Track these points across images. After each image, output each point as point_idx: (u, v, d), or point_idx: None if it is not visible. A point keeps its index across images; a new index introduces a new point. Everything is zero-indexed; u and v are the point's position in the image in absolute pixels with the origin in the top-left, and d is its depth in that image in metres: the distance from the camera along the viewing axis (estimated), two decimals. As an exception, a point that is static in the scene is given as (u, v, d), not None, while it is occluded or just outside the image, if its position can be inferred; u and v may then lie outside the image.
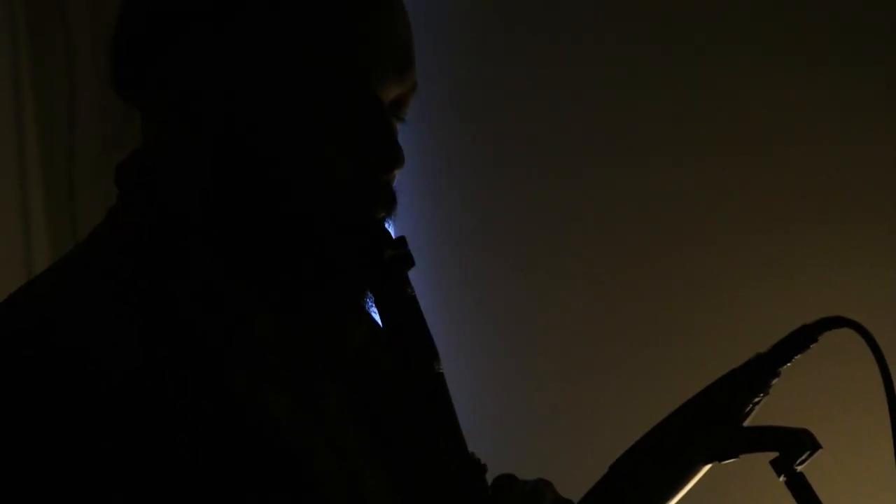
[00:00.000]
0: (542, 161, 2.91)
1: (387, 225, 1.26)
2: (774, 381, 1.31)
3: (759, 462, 1.30)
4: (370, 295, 1.26)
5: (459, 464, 1.23)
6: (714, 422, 1.29)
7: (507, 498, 1.37)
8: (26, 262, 2.71)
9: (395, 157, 1.24)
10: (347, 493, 1.23)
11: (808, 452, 1.27)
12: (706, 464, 1.30)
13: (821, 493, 1.27)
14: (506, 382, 2.89)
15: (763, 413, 1.32)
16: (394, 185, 1.26)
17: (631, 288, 2.88)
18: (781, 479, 1.27)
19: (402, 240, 1.26)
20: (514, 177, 2.92)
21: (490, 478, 1.38)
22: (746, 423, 1.31)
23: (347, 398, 1.30)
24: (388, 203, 1.26)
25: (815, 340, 1.30)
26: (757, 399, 1.30)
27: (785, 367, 1.30)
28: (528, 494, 1.38)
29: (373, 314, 1.29)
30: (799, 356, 1.30)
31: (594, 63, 2.89)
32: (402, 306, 1.26)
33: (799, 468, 1.27)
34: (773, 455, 1.28)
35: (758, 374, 1.30)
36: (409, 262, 1.26)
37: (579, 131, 2.90)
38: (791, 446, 1.27)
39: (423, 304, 1.28)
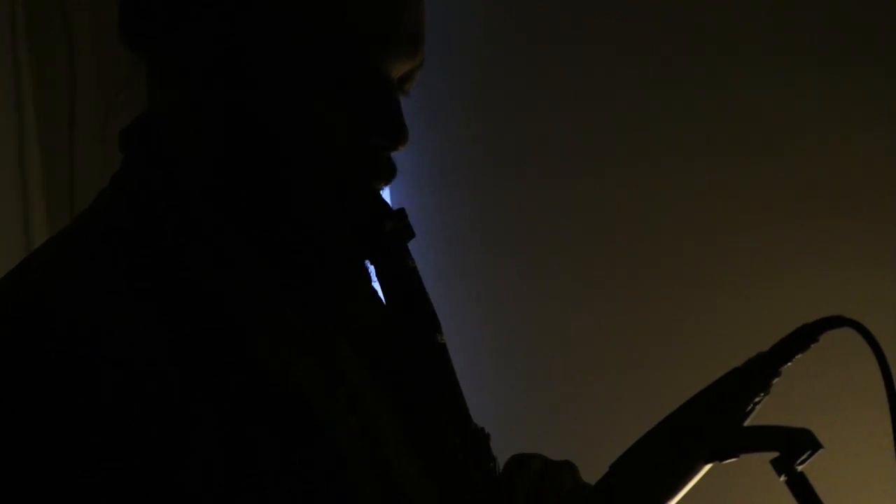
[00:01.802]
0: (546, 160, 2.91)
1: (384, 196, 1.27)
2: (775, 381, 1.30)
3: (760, 462, 1.30)
4: (371, 267, 1.27)
5: (461, 435, 1.24)
6: (715, 421, 1.29)
7: (516, 479, 1.37)
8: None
9: (400, 134, 1.24)
10: (369, 455, 1.23)
11: (808, 452, 1.27)
12: (707, 463, 1.30)
13: (821, 493, 1.27)
14: (507, 381, 2.89)
15: (764, 412, 1.32)
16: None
17: (630, 287, 2.88)
18: (782, 478, 1.27)
19: (401, 212, 1.27)
20: (517, 176, 2.92)
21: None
22: (747, 423, 1.31)
23: (359, 365, 1.30)
24: (388, 175, 1.26)
25: (816, 340, 1.30)
26: (758, 398, 1.30)
27: (786, 366, 1.30)
28: (545, 482, 1.38)
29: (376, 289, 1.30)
30: (800, 355, 1.30)
31: (595, 63, 2.89)
32: (403, 278, 1.26)
33: (800, 468, 1.27)
34: (774, 455, 1.27)
35: (759, 373, 1.30)
36: (409, 233, 1.27)
37: (582, 131, 2.90)
38: (792, 446, 1.27)
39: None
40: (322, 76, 1.21)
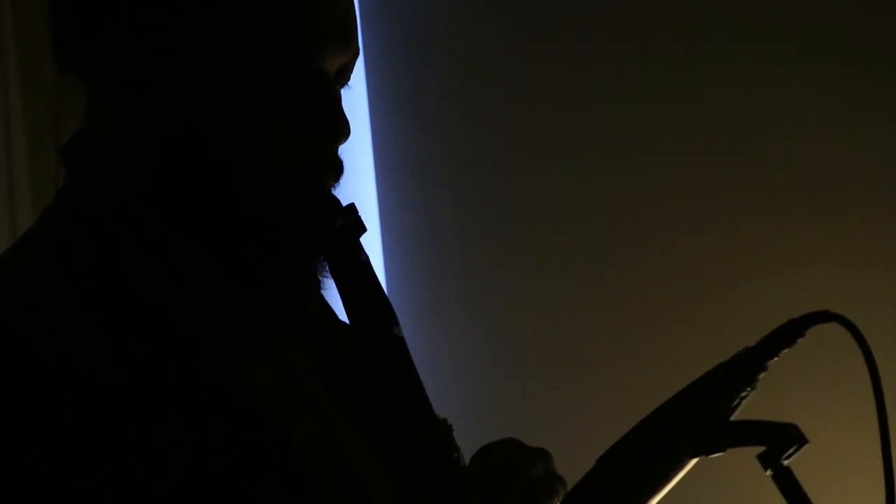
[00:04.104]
0: (534, 158, 2.91)
1: (335, 193, 1.26)
2: (761, 375, 1.31)
3: (746, 456, 1.30)
4: (325, 264, 1.26)
5: (424, 426, 1.24)
6: (701, 416, 1.29)
7: (482, 468, 1.37)
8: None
9: (340, 129, 1.24)
10: (328, 456, 1.23)
11: (794, 447, 1.27)
12: (693, 457, 1.30)
13: (807, 488, 1.27)
14: (495, 379, 2.89)
15: (750, 407, 1.32)
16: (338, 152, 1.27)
17: (620, 284, 2.88)
18: (768, 473, 1.27)
19: (351, 207, 1.26)
20: (505, 173, 2.92)
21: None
22: (733, 417, 1.31)
23: (312, 367, 1.30)
24: (337, 172, 1.26)
25: (802, 335, 1.30)
26: (744, 393, 1.30)
27: (772, 361, 1.31)
28: (512, 467, 1.38)
29: (326, 287, 1.29)
30: (786, 350, 1.30)
31: (586, 59, 2.90)
32: (357, 273, 1.26)
33: (786, 462, 1.27)
34: (760, 449, 1.28)
35: (745, 367, 1.30)
36: (361, 228, 1.26)
37: (574, 129, 2.90)
38: (778, 440, 1.27)
39: (416, 303, 1.28)
40: (255, 76, 1.21)
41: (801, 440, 1.28)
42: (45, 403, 1.10)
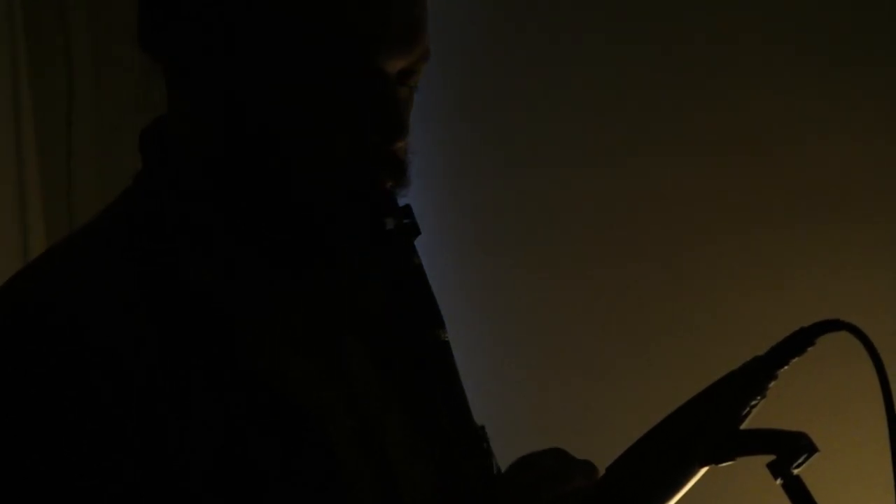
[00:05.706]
0: (547, 160, 2.91)
1: (396, 194, 1.26)
2: (772, 384, 1.31)
3: (757, 465, 1.30)
4: (376, 262, 1.26)
5: (459, 431, 1.24)
6: (711, 424, 1.29)
7: (518, 478, 1.37)
8: (24, 260, 2.71)
9: (396, 129, 1.24)
10: (368, 455, 1.23)
11: (805, 455, 1.27)
12: (703, 466, 1.30)
13: (818, 497, 1.27)
14: (503, 383, 2.89)
15: (760, 416, 1.32)
16: (407, 155, 1.26)
17: (627, 290, 2.88)
18: (778, 482, 1.27)
19: (407, 208, 1.26)
20: (517, 175, 2.92)
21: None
22: (743, 426, 1.31)
23: (369, 358, 1.30)
24: (395, 172, 1.25)
25: (813, 343, 1.30)
26: (754, 402, 1.30)
27: (782, 370, 1.30)
28: (552, 479, 1.37)
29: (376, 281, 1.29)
30: (796, 359, 1.30)
31: (595, 62, 2.90)
32: (408, 275, 1.26)
33: (796, 471, 1.27)
34: (770, 458, 1.27)
35: (755, 376, 1.30)
36: (415, 231, 1.26)
37: (590, 131, 2.90)
38: (788, 449, 1.27)
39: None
40: (318, 75, 1.21)
41: (812, 449, 1.28)
42: (85, 395, 1.11)
